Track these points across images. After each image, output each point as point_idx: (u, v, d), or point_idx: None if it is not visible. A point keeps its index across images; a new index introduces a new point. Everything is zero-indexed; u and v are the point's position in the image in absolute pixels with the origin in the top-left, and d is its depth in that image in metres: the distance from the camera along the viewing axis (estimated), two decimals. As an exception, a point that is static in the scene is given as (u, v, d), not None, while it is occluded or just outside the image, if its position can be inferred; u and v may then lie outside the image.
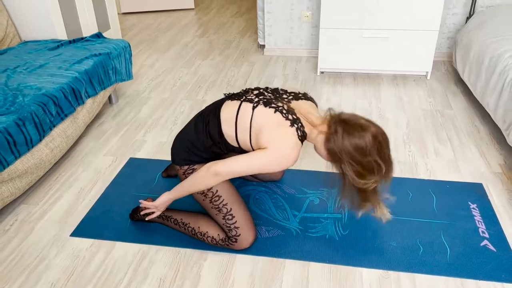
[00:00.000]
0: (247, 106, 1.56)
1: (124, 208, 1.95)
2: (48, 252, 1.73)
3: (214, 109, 1.64)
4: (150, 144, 2.43)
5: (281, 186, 2.06)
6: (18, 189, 1.88)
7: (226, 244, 1.68)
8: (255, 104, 1.55)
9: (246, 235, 1.66)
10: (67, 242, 1.78)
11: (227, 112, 1.59)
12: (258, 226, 1.82)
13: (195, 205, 1.92)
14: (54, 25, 2.78)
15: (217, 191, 1.66)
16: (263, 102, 1.55)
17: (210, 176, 1.55)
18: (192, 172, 1.68)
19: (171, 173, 2.14)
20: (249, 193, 2.02)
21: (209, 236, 1.69)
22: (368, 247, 1.71)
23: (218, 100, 1.69)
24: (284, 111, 1.52)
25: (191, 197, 1.91)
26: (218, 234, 1.69)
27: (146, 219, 1.79)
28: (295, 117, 1.51)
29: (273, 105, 1.53)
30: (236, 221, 1.66)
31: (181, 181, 1.72)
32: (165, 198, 1.70)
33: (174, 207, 1.87)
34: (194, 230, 1.72)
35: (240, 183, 2.08)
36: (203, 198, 1.68)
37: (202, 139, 1.64)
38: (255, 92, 1.64)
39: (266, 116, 1.51)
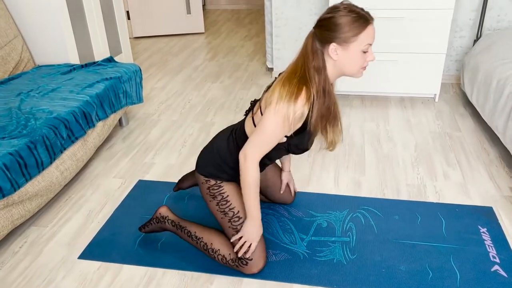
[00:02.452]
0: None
1: (132, 230, 1.96)
2: (56, 274, 1.74)
3: (241, 128, 1.67)
4: (159, 166, 2.45)
5: (288, 209, 2.06)
6: (28, 211, 1.91)
7: (236, 265, 1.66)
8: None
9: (257, 261, 1.65)
10: (75, 264, 1.79)
11: (249, 127, 1.62)
12: (265, 250, 1.82)
13: (210, 221, 1.92)
14: (68, 50, 2.85)
15: (238, 211, 1.67)
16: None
17: (244, 164, 1.52)
18: (218, 189, 1.68)
19: (183, 186, 2.13)
20: (256, 216, 2.02)
21: (220, 254, 1.68)
22: (377, 272, 1.69)
23: (242, 120, 1.72)
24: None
25: (203, 210, 1.91)
26: (230, 254, 1.67)
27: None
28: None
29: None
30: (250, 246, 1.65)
31: (202, 194, 1.72)
32: (250, 225, 1.61)
33: (190, 219, 1.85)
34: (206, 246, 1.70)
35: (247, 206, 2.08)
36: (222, 216, 1.68)
37: (236, 157, 1.62)
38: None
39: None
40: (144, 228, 1.86)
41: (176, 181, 2.30)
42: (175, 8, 4.96)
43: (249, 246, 1.63)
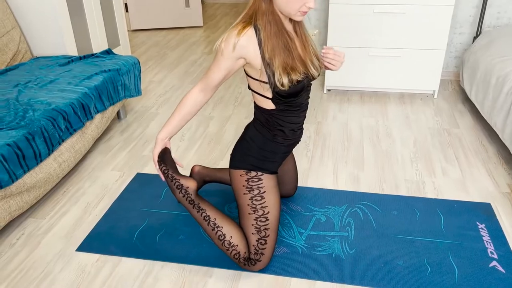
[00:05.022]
0: None
1: (130, 223, 1.95)
2: (54, 266, 1.73)
3: (255, 106, 1.68)
4: (157, 160, 2.44)
5: (287, 203, 2.06)
6: (26, 203, 1.89)
7: (244, 263, 1.65)
8: None
9: (264, 263, 1.65)
10: (72, 257, 1.78)
11: (257, 98, 1.64)
12: (264, 244, 1.81)
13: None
14: (66, 42, 2.83)
15: (268, 212, 1.64)
16: None
17: (196, 91, 1.61)
18: (257, 181, 1.64)
19: None
20: (255, 210, 2.01)
21: (236, 250, 1.64)
22: (375, 266, 1.70)
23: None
24: None
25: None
26: (245, 252, 1.64)
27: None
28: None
29: None
30: (265, 248, 1.64)
31: (235, 188, 1.66)
32: (158, 144, 1.67)
33: (188, 216, 1.86)
34: (224, 237, 1.64)
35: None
36: (250, 212, 1.63)
37: (269, 140, 1.65)
38: None
39: None
40: (164, 173, 1.69)
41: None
42: (174, 1, 4.93)
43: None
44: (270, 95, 1.57)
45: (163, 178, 1.71)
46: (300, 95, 1.59)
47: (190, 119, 1.67)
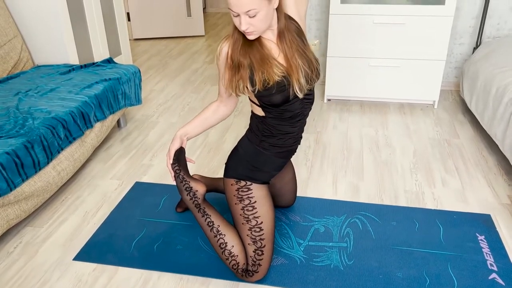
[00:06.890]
0: None
1: (128, 232, 1.95)
2: (51, 275, 1.73)
3: (251, 114, 1.71)
4: (157, 169, 2.44)
5: (286, 213, 2.05)
6: (24, 211, 1.89)
7: (242, 274, 1.64)
8: None
9: (261, 274, 1.64)
10: (70, 265, 1.77)
11: (253, 107, 1.67)
12: (262, 254, 1.80)
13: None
14: (67, 50, 2.84)
15: (261, 222, 1.64)
16: None
17: (216, 102, 1.73)
18: (247, 191, 1.65)
19: (184, 205, 2.08)
20: (253, 219, 2.01)
21: (235, 260, 1.63)
22: (374, 278, 1.68)
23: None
24: None
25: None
26: (244, 263, 1.64)
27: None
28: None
29: None
30: (262, 259, 1.63)
31: (227, 198, 1.69)
32: (177, 139, 1.73)
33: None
34: (226, 245, 1.64)
35: (245, 210, 2.07)
36: (244, 222, 1.64)
37: (261, 150, 1.67)
38: None
39: None
40: (176, 173, 1.70)
41: (173, 183, 2.29)
42: (176, 11, 4.96)
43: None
44: (258, 102, 1.59)
45: (173, 177, 1.72)
46: (289, 105, 1.56)
47: (209, 126, 1.76)
